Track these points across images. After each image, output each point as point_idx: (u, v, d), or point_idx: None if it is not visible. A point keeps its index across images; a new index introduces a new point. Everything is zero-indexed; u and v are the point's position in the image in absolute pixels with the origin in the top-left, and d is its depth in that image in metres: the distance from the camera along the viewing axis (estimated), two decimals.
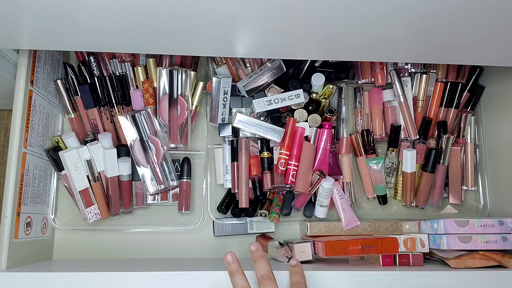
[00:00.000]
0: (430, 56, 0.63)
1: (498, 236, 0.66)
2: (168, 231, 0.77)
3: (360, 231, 0.74)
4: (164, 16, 0.49)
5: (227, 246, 0.78)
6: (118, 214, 0.76)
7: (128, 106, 0.77)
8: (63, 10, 0.48)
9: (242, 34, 0.54)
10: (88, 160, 0.72)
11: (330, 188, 0.73)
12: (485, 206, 0.80)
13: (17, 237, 0.63)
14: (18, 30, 0.53)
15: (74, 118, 0.76)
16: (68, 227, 0.76)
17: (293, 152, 0.73)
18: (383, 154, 0.81)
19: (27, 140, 0.66)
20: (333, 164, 0.76)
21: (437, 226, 0.68)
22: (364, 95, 0.81)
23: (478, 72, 0.81)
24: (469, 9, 0.47)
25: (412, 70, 0.80)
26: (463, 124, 0.80)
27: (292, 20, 0.50)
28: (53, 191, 0.75)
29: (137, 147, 0.74)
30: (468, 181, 0.80)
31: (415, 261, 0.68)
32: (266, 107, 0.73)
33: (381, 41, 0.56)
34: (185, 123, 0.76)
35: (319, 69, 0.78)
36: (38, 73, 0.69)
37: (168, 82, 0.75)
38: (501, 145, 0.77)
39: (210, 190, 0.76)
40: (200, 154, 0.79)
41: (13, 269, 0.61)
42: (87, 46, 0.61)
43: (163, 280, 0.58)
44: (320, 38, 0.56)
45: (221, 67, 0.77)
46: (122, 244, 0.77)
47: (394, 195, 0.81)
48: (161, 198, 0.77)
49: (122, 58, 0.76)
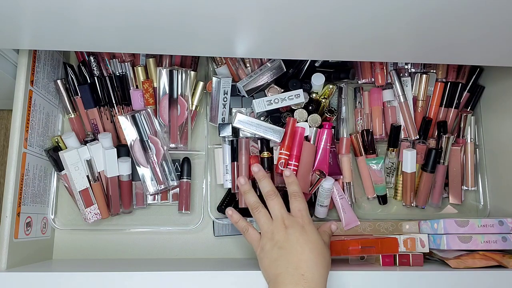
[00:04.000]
0: (430, 56, 0.63)
1: (498, 236, 0.66)
2: (168, 231, 0.77)
3: (360, 231, 0.74)
4: (164, 16, 0.49)
5: (227, 246, 0.78)
6: (118, 214, 0.76)
7: (128, 106, 0.77)
8: (63, 10, 0.48)
9: (242, 34, 0.54)
10: (88, 160, 0.72)
11: (330, 188, 0.73)
12: (485, 206, 0.80)
13: (17, 237, 0.63)
14: (18, 30, 0.53)
15: (74, 118, 0.76)
16: (68, 227, 0.76)
17: (293, 152, 0.73)
18: (383, 154, 0.81)
19: (27, 140, 0.66)
20: (333, 164, 0.76)
21: (437, 226, 0.68)
22: (364, 95, 0.81)
23: (478, 72, 0.81)
24: (469, 9, 0.47)
25: (412, 70, 0.80)
26: (463, 124, 0.80)
27: (292, 20, 0.50)
28: (53, 191, 0.75)
29: (137, 147, 0.74)
30: (468, 181, 0.80)
31: (415, 261, 0.68)
32: (266, 107, 0.73)
33: (381, 41, 0.56)
34: (185, 123, 0.76)
35: (319, 69, 0.78)
36: (38, 73, 0.69)
37: (168, 82, 0.75)
38: (501, 145, 0.77)
39: (210, 190, 0.76)
40: (200, 154, 0.79)
41: (13, 269, 0.61)
42: (87, 46, 0.61)
43: (163, 280, 0.58)
44: (320, 38, 0.56)
45: (221, 67, 0.77)
46: (122, 244, 0.77)
47: (394, 195, 0.81)
48: (161, 198, 0.77)
49: (122, 58, 0.76)
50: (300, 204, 0.63)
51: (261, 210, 0.64)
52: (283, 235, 0.59)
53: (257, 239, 0.63)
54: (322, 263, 0.57)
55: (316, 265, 0.56)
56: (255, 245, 0.63)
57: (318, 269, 0.56)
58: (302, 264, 0.56)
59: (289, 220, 0.61)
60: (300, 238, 0.58)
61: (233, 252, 0.78)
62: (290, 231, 0.59)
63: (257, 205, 0.65)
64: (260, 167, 0.68)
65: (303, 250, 0.57)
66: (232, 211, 0.67)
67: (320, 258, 0.57)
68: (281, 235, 0.59)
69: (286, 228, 0.60)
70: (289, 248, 0.57)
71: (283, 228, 0.60)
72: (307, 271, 0.55)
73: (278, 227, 0.60)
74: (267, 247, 0.60)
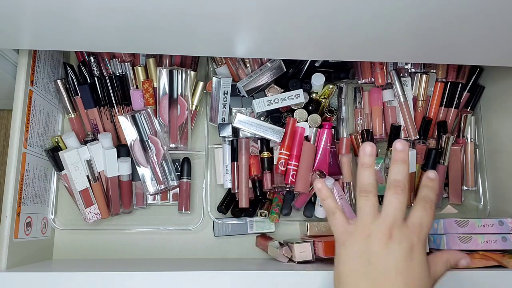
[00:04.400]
0: (430, 56, 0.63)
1: (498, 236, 0.66)
2: (168, 231, 0.77)
3: None
4: (164, 16, 0.49)
5: (227, 246, 0.78)
6: (118, 214, 0.76)
7: (128, 106, 0.77)
8: (63, 10, 0.48)
9: (242, 34, 0.54)
10: (88, 160, 0.72)
11: (330, 188, 0.73)
12: (485, 206, 0.80)
13: (17, 237, 0.63)
14: (18, 30, 0.53)
15: (74, 118, 0.76)
16: (68, 227, 0.76)
17: (293, 152, 0.73)
18: (383, 154, 0.81)
19: (27, 140, 0.66)
20: (333, 164, 0.76)
21: (437, 226, 0.68)
22: (364, 95, 0.81)
23: (478, 72, 0.81)
24: (469, 9, 0.47)
25: (412, 70, 0.80)
26: (463, 124, 0.80)
27: (292, 20, 0.50)
28: (53, 191, 0.75)
29: (137, 147, 0.74)
30: (468, 181, 0.80)
31: None
32: (266, 107, 0.73)
33: (381, 41, 0.56)
34: (185, 123, 0.76)
35: (319, 69, 0.78)
36: (38, 73, 0.69)
37: (168, 82, 0.75)
38: (501, 145, 0.77)
39: (210, 190, 0.76)
40: (200, 154, 0.79)
41: (13, 269, 0.61)
42: (87, 46, 0.61)
43: (163, 280, 0.58)
44: (320, 38, 0.56)
45: (221, 67, 0.77)
46: (122, 244, 0.77)
47: None
48: (161, 198, 0.77)
49: (122, 58, 0.76)
50: (425, 217, 0.47)
51: (371, 198, 0.48)
52: (381, 247, 0.45)
53: (344, 228, 0.48)
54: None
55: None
56: (339, 235, 0.49)
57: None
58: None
59: (399, 230, 0.45)
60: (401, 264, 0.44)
61: (233, 252, 0.78)
62: (392, 247, 0.44)
63: (371, 189, 0.48)
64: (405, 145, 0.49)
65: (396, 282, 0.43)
66: (322, 184, 0.52)
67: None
68: (379, 244, 0.45)
69: (390, 238, 0.45)
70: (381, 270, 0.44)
71: (387, 236, 0.45)
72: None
73: (381, 230, 0.45)
74: (353, 248, 0.47)
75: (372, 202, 0.48)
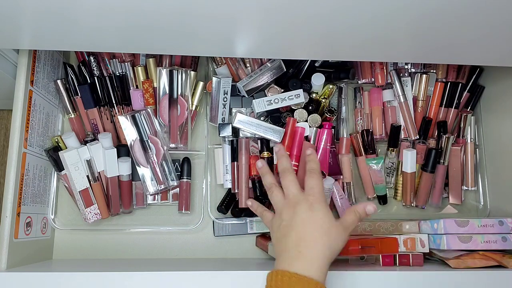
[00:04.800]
0: (430, 56, 0.63)
1: (498, 236, 0.66)
2: (168, 231, 0.77)
3: (360, 231, 0.73)
4: (164, 16, 0.49)
5: (227, 246, 0.78)
6: (118, 214, 0.76)
7: (128, 106, 0.77)
8: (63, 10, 0.48)
9: (242, 34, 0.54)
10: (88, 160, 0.72)
11: (330, 188, 0.73)
12: (485, 206, 0.80)
13: (17, 237, 0.63)
14: (18, 30, 0.53)
15: (74, 118, 0.76)
16: (68, 227, 0.76)
17: (293, 152, 0.73)
18: (383, 154, 0.81)
19: (27, 140, 0.66)
20: (333, 164, 0.76)
21: (437, 226, 0.68)
22: (364, 95, 0.81)
23: (478, 72, 0.81)
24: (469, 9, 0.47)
25: (412, 70, 0.80)
26: (463, 124, 0.80)
27: (292, 20, 0.50)
28: (53, 191, 0.75)
29: (137, 147, 0.74)
30: (468, 181, 0.80)
31: (415, 261, 0.68)
32: (266, 107, 0.73)
33: (381, 41, 0.56)
34: (185, 123, 0.76)
35: (319, 69, 0.78)
36: (38, 73, 0.69)
37: (168, 82, 0.75)
38: (501, 145, 0.77)
39: (210, 190, 0.76)
40: (200, 154, 0.79)
41: (13, 269, 0.61)
42: (87, 46, 0.61)
43: (163, 280, 0.58)
44: (320, 38, 0.56)
45: (221, 67, 0.77)
46: (122, 244, 0.77)
47: (394, 195, 0.81)
48: (161, 198, 0.77)
49: (122, 58, 0.76)
50: (313, 181, 0.61)
51: (274, 190, 0.64)
52: (290, 213, 0.59)
53: (270, 219, 0.63)
54: (324, 242, 0.55)
55: (315, 243, 0.55)
56: (268, 225, 0.63)
57: (317, 247, 0.54)
58: (301, 242, 0.55)
59: (298, 198, 0.60)
60: (305, 216, 0.57)
61: (233, 252, 0.78)
62: (297, 209, 0.58)
63: (271, 185, 0.64)
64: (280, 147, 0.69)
65: (304, 228, 0.56)
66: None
67: (324, 237, 0.55)
68: (288, 213, 0.59)
69: (294, 206, 0.59)
70: (293, 226, 0.57)
71: (292, 206, 0.59)
72: (304, 249, 0.54)
73: (288, 205, 0.60)
74: (275, 225, 0.60)
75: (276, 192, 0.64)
